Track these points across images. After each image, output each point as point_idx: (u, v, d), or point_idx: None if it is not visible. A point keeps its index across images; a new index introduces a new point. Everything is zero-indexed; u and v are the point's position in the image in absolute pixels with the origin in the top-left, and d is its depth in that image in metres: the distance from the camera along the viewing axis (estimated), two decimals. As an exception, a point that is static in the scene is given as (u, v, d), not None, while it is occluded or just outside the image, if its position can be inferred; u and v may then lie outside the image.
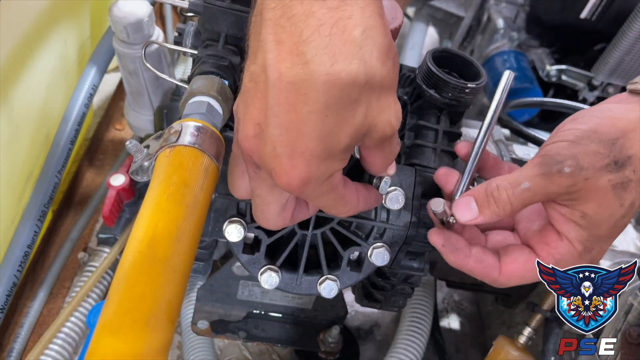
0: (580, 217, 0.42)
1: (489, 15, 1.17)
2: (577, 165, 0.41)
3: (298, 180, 0.35)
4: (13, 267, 0.74)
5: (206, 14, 0.53)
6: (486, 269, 0.46)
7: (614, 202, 0.41)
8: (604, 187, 0.40)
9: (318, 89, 0.33)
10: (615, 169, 0.40)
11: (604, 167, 0.41)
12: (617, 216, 0.41)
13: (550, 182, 0.41)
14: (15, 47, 0.74)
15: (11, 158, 0.76)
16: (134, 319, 0.29)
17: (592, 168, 0.41)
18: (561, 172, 0.41)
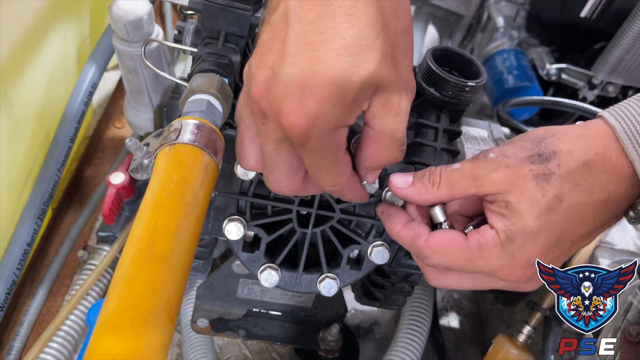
0: (504, 207, 0.42)
1: (489, 14, 1.17)
2: (502, 152, 0.43)
3: (305, 120, 0.35)
4: (13, 265, 0.74)
5: (206, 12, 0.53)
6: (414, 237, 0.46)
7: (534, 191, 0.41)
8: (525, 175, 0.41)
9: (337, 28, 0.34)
10: (538, 160, 0.41)
11: (527, 157, 0.42)
12: (541, 206, 0.40)
13: (476, 166, 0.44)
14: (15, 45, 0.74)
15: (11, 156, 0.76)
16: (134, 316, 0.29)
17: (515, 157, 0.42)
18: (486, 157, 0.44)
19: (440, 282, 0.49)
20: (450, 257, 0.44)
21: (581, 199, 0.40)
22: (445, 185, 0.44)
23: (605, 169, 0.40)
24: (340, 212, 0.55)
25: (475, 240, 0.43)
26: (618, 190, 0.41)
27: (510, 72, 1.04)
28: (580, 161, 0.41)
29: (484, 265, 0.43)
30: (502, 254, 0.42)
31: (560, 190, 0.40)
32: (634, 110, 0.41)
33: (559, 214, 0.41)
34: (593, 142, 0.41)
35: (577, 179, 0.40)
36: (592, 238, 0.43)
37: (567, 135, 0.42)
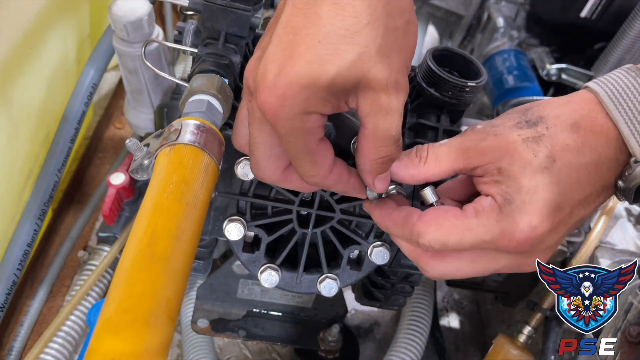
0: (497, 173, 0.41)
1: (489, 14, 1.17)
2: (489, 123, 0.43)
3: (274, 99, 0.35)
4: (13, 265, 0.74)
5: (206, 13, 0.53)
6: (406, 216, 0.44)
7: (525, 152, 0.40)
8: (514, 140, 0.41)
9: (320, 15, 0.35)
10: (526, 126, 0.41)
11: (515, 124, 0.42)
12: (534, 166, 0.40)
13: (464, 139, 0.43)
14: (15, 46, 0.74)
15: (11, 156, 0.76)
16: (134, 317, 0.29)
17: (503, 126, 0.42)
18: (474, 129, 0.44)
19: (437, 270, 0.46)
20: (446, 229, 0.42)
21: (573, 159, 0.40)
22: (432, 160, 0.44)
23: (593, 129, 0.40)
24: (341, 213, 0.55)
25: (472, 208, 0.42)
26: (608, 152, 0.41)
27: (510, 72, 1.04)
28: (567, 123, 0.41)
29: (483, 232, 0.41)
30: (500, 216, 0.40)
31: (551, 150, 0.40)
32: (616, 77, 0.41)
33: (553, 174, 0.40)
34: (578, 105, 0.41)
35: (566, 139, 0.40)
36: (590, 207, 0.42)
37: (552, 103, 0.43)
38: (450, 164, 0.43)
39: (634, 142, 0.40)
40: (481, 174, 0.42)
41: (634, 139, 0.40)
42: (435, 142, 0.58)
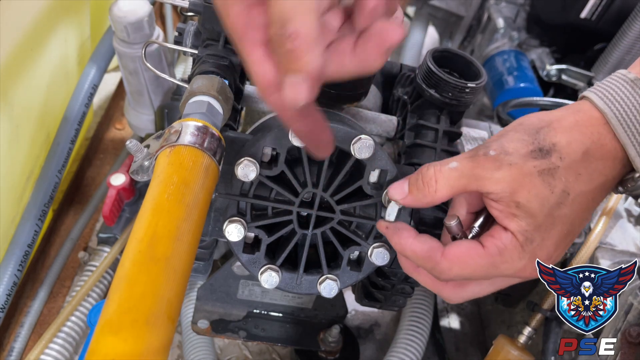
0: (515, 208, 0.42)
1: (489, 15, 1.17)
2: (502, 149, 0.42)
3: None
4: (14, 266, 0.74)
5: (206, 14, 0.53)
6: (429, 250, 0.45)
7: (542, 188, 0.41)
8: (530, 172, 0.41)
9: None
10: (540, 155, 0.41)
11: (529, 153, 0.41)
12: (551, 203, 0.41)
13: (476, 164, 0.42)
14: (16, 47, 0.74)
15: (12, 157, 0.77)
16: (135, 318, 0.29)
17: (517, 153, 0.42)
18: (486, 154, 0.42)
19: (459, 296, 0.48)
20: (471, 267, 0.44)
21: (584, 188, 0.41)
22: (444, 187, 0.44)
23: (602, 156, 0.41)
24: (341, 214, 0.55)
25: (495, 247, 0.43)
26: (614, 174, 0.42)
27: (510, 73, 1.04)
28: (579, 152, 0.41)
29: (506, 269, 0.43)
30: (523, 254, 0.42)
31: (565, 183, 0.41)
32: (620, 91, 0.41)
33: (567, 207, 0.41)
34: (588, 130, 0.42)
35: (579, 169, 0.41)
36: (590, 216, 0.46)
37: (562, 125, 0.42)
38: (462, 188, 0.44)
39: (639, 162, 0.41)
40: (495, 199, 0.43)
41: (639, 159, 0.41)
42: (435, 143, 0.58)
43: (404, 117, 0.61)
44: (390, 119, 0.62)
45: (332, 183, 0.53)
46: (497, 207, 0.43)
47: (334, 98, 0.55)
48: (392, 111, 0.65)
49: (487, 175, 0.42)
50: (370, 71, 0.37)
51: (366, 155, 0.50)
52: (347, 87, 0.54)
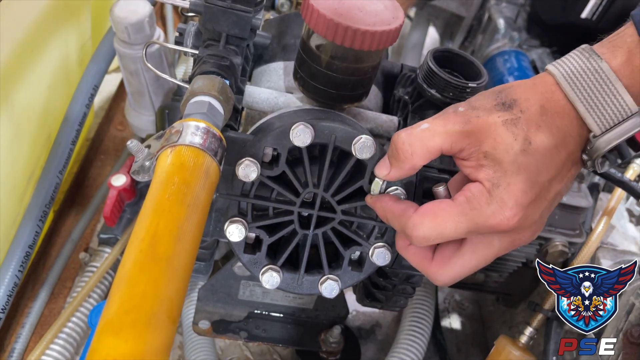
0: (483, 158, 0.44)
1: (490, 15, 1.17)
2: (470, 105, 0.46)
3: None
4: (14, 267, 0.74)
5: (207, 14, 0.53)
6: (405, 209, 0.48)
7: (506, 135, 0.44)
8: (495, 122, 0.44)
9: None
10: (503, 108, 0.45)
11: (493, 107, 0.45)
12: (515, 150, 0.43)
13: (447, 120, 0.45)
14: (17, 48, 0.74)
15: (13, 159, 0.77)
16: (136, 318, 0.29)
17: (483, 108, 0.45)
18: (456, 111, 0.46)
19: (446, 275, 0.49)
20: (441, 218, 0.45)
21: (545, 140, 0.44)
22: (420, 149, 0.45)
23: (557, 111, 0.44)
24: (342, 214, 0.55)
25: (463, 197, 0.45)
26: (572, 130, 0.44)
27: (511, 73, 1.04)
28: (537, 106, 0.44)
29: (476, 216, 0.44)
30: (490, 199, 0.44)
31: (527, 133, 0.44)
32: (571, 57, 0.45)
33: (530, 155, 0.43)
34: (542, 88, 0.45)
35: (538, 121, 0.44)
36: (562, 181, 0.46)
37: (521, 86, 0.46)
38: (437, 148, 0.45)
39: (590, 120, 0.43)
40: (466, 157, 0.45)
41: (590, 117, 0.43)
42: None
43: (405, 117, 0.61)
44: (391, 119, 0.62)
45: (333, 183, 0.53)
46: (468, 165, 0.45)
47: (335, 98, 0.55)
48: (393, 111, 0.65)
49: (458, 129, 0.45)
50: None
51: (367, 155, 0.50)
52: (348, 88, 0.54)
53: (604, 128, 0.43)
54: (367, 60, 0.53)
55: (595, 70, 0.43)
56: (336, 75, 0.53)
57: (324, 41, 0.51)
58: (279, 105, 0.59)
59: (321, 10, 0.48)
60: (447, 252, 0.49)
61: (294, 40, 0.65)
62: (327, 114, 0.55)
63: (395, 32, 0.50)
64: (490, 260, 0.48)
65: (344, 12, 0.48)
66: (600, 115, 0.43)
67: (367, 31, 0.48)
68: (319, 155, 0.54)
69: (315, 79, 0.54)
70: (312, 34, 0.52)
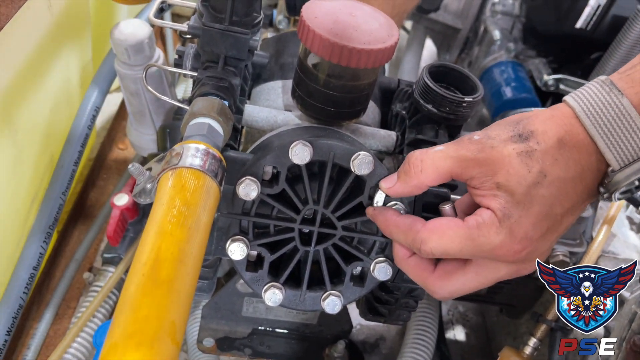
0: (496, 188, 0.44)
1: (486, 27, 1.18)
2: (485, 134, 0.46)
3: None
4: (19, 289, 0.75)
5: (205, 37, 0.54)
6: (411, 223, 0.48)
7: (520, 167, 0.43)
8: (510, 154, 0.44)
9: None
10: (519, 140, 0.44)
11: (509, 138, 0.45)
12: (529, 182, 0.43)
13: (461, 147, 0.46)
14: (19, 71, 0.76)
15: (16, 181, 0.77)
16: (139, 342, 0.30)
17: (499, 138, 0.45)
18: (471, 139, 0.46)
19: (445, 289, 0.49)
20: (448, 237, 0.45)
21: (561, 173, 0.43)
22: (430, 167, 0.46)
23: (575, 144, 0.44)
24: (342, 230, 0.55)
25: (474, 221, 0.45)
26: (590, 164, 0.44)
27: (508, 84, 1.05)
28: (555, 139, 0.44)
29: (484, 243, 0.44)
30: (500, 229, 0.44)
31: (542, 165, 0.43)
32: (591, 91, 0.44)
33: (544, 187, 0.43)
34: (561, 121, 0.44)
35: (555, 154, 0.44)
36: (576, 213, 0.46)
37: (539, 117, 0.45)
38: (448, 171, 0.46)
39: (610, 155, 0.43)
40: (478, 185, 0.45)
41: (609, 152, 0.43)
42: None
43: (403, 132, 0.62)
44: (389, 134, 0.62)
45: (333, 199, 0.53)
46: (480, 193, 0.45)
47: (333, 115, 0.56)
48: (391, 126, 0.66)
49: (471, 156, 0.45)
50: None
51: (366, 171, 0.51)
52: (346, 105, 0.55)
53: (623, 163, 0.43)
54: (363, 78, 0.54)
55: (616, 105, 0.43)
56: (333, 93, 0.54)
57: (321, 60, 0.52)
58: (278, 124, 0.59)
59: (317, 30, 0.49)
60: (450, 267, 0.49)
61: (292, 59, 0.65)
62: (325, 132, 0.55)
63: (390, 50, 0.51)
64: (492, 283, 0.48)
65: (339, 32, 0.49)
66: (620, 151, 0.43)
67: (362, 50, 0.49)
68: (319, 172, 0.55)
69: (313, 97, 0.55)
70: (308, 53, 0.53)
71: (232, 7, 0.51)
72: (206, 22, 0.53)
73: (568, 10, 0.98)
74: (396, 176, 0.49)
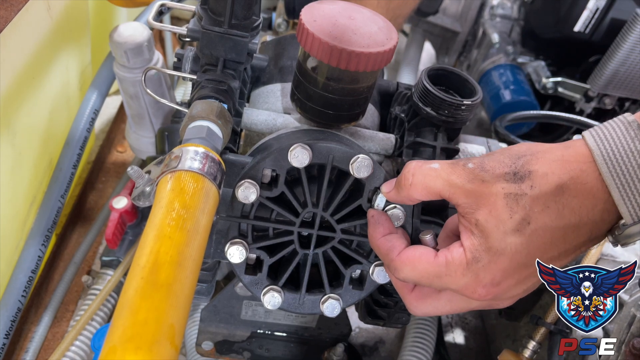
0: (474, 226, 0.42)
1: (484, 30, 1.18)
2: (481, 165, 0.43)
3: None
4: (17, 292, 0.75)
5: (204, 40, 0.54)
6: (389, 249, 0.48)
7: (502, 210, 0.41)
8: (496, 193, 0.41)
9: None
10: (512, 179, 0.41)
11: (503, 174, 0.42)
12: (506, 228, 0.41)
13: (454, 170, 0.44)
14: (18, 75, 0.75)
15: (15, 184, 0.77)
16: (138, 345, 0.30)
17: (492, 172, 0.42)
18: (465, 165, 0.44)
19: (419, 309, 0.49)
20: (418, 271, 0.45)
21: (550, 222, 0.40)
22: (420, 184, 0.45)
23: (578, 193, 0.40)
24: (341, 233, 0.55)
25: (443, 257, 0.44)
26: (592, 215, 0.40)
27: (506, 87, 1.05)
28: (553, 184, 0.40)
29: (449, 282, 0.44)
30: (466, 272, 0.43)
31: (528, 212, 0.40)
32: (614, 132, 0.40)
33: (524, 236, 0.40)
34: (570, 165, 0.40)
35: (547, 202, 0.40)
36: (566, 259, 0.43)
37: (546, 156, 0.42)
38: (437, 191, 0.45)
39: (624, 209, 0.39)
40: (462, 214, 0.44)
41: (624, 205, 0.39)
42: (433, 159, 0.58)
43: (402, 135, 0.62)
44: (388, 137, 0.62)
45: (332, 202, 0.53)
46: (462, 223, 0.44)
47: (332, 118, 0.56)
48: (390, 129, 0.66)
49: (459, 184, 0.43)
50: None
51: (365, 174, 0.51)
52: (345, 108, 0.55)
53: (637, 218, 0.39)
54: (362, 81, 0.54)
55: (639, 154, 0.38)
56: (332, 96, 0.54)
57: (320, 63, 0.52)
58: (277, 127, 0.59)
59: (316, 33, 0.49)
60: (426, 290, 0.49)
61: (291, 62, 0.66)
62: (324, 134, 0.55)
63: (389, 53, 0.51)
64: (465, 311, 0.48)
65: (338, 35, 0.49)
66: (636, 205, 0.38)
67: (361, 53, 0.49)
68: (318, 175, 0.55)
69: (312, 100, 0.55)
70: (307, 56, 0.53)
71: (231, 10, 0.51)
72: (205, 25, 0.53)
73: (566, 13, 0.99)
74: (394, 182, 0.49)
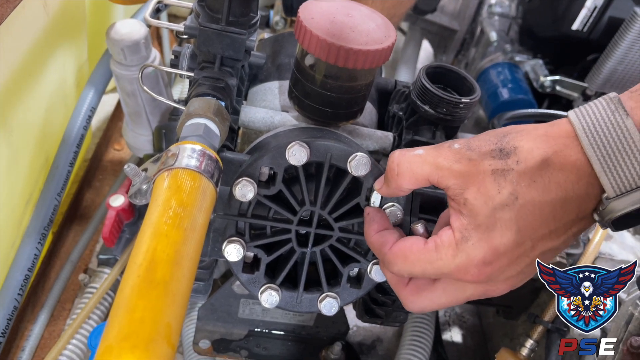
0: (463, 205, 0.42)
1: (482, 28, 1.18)
2: (467, 144, 0.43)
3: None
4: (14, 290, 0.74)
5: (202, 37, 0.53)
6: (382, 244, 0.48)
7: (491, 186, 0.41)
8: (484, 170, 0.41)
9: None
10: (499, 155, 0.41)
11: (489, 152, 0.42)
12: (495, 204, 0.40)
13: (440, 153, 0.43)
14: (14, 72, 0.75)
15: (11, 182, 0.77)
16: (134, 344, 0.30)
17: (478, 150, 0.42)
18: (451, 147, 0.44)
19: (415, 304, 0.49)
20: (411, 261, 0.45)
21: (537, 197, 0.40)
22: (407, 172, 0.44)
23: (562, 167, 0.40)
24: (339, 231, 0.55)
25: (433, 242, 0.44)
26: (577, 189, 0.40)
27: (504, 85, 1.05)
28: (538, 159, 0.40)
29: (442, 266, 0.43)
30: (457, 253, 0.42)
31: (515, 187, 0.40)
32: (595, 108, 0.40)
33: (513, 211, 0.40)
34: (554, 140, 0.41)
35: (534, 176, 0.40)
36: (558, 239, 0.42)
37: (530, 133, 0.42)
38: (425, 177, 0.44)
39: (605, 180, 0.39)
40: (452, 197, 0.43)
41: (605, 177, 0.39)
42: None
43: (400, 133, 0.62)
44: (386, 135, 0.62)
45: (330, 201, 0.53)
46: (451, 206, 0.44)
47: (330, 116, 0.56)
48: (388, 127, 0.66)
49: (447, 166, 0.42)
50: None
51: (363, 173, 0.51)
52: (343, 106, 0.55)
53: (619, 191, 0.39)
54: (360, 79, 0.54)
55: (619, 126, 0.39)
56: (330, 94, 0.54)
57: (318, 61, 0.52)
58: (275, 125, 0.59)
59: (314, 31, 0.49)
60: (421, 283, 0.49)
61: (289, 59, 0.65)
62: (322, 132, 0.55)
63: (387, 51, 0.50)
64: (461, 302, 0.47)
65: (336, 32, 0.49)
66: (617, 176, 0.39)
67: (359, 50, 0.49)
68: (316, 173, 0.55)
69: (309, 97, 0.55)
70: (305, 53, 0.53)
71: (228, 7, 0.51)
72: (203, 22, 0.52)
73: (564, 12, 0.99)
74: (383, 178, 0.49)
